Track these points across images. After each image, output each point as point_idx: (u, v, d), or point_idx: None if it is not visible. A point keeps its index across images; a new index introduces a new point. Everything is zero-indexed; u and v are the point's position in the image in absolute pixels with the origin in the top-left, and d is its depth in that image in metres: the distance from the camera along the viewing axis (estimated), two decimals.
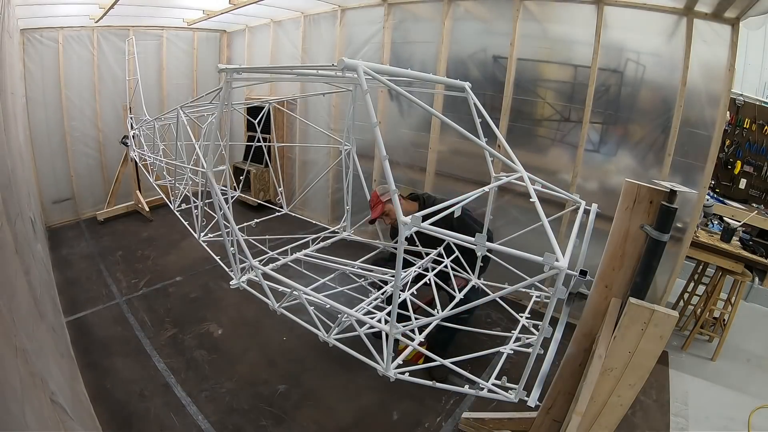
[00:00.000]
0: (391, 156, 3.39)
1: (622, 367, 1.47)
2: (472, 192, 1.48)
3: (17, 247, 1.49)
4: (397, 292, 1.35)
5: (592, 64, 3.29)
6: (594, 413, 1.53)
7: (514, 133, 3.76)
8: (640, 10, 3.09)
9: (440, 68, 4.06)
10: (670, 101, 3.11)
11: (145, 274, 4.12)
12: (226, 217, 1.99)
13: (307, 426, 2.45)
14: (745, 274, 3.28)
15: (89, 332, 3.19)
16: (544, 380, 1.43)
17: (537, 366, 1.43)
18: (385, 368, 1.54)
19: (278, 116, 5.47)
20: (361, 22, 4.69)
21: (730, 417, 2.74)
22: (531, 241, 1.92)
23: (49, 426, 1.06)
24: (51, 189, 5.18)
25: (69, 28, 4.89)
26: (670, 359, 3.28)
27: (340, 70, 1.37)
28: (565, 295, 1.29)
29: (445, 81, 1.97)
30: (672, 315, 1.38)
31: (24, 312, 1.32)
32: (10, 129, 2.32)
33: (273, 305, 1.99)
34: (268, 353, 3.07)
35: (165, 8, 4.96)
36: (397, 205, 1.19)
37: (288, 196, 5.54)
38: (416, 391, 2.64)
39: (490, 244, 1.15)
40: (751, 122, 5.47)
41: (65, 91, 5.05)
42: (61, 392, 1.41)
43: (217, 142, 2.46)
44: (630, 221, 1.63)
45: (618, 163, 3.47)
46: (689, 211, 3.09)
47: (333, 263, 2.39)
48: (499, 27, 3.72)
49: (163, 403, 2.54)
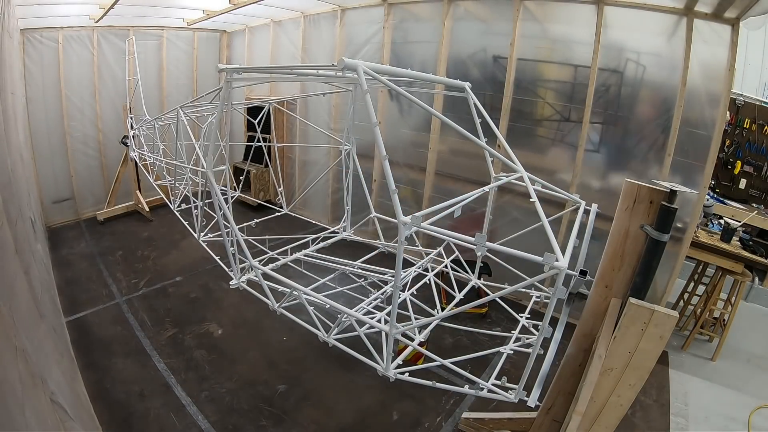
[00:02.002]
0: (391, 156, 3.38)
1: (622, 367, 1.47)
2: (472, 192, 1.48)
3: (17, 247, 1.49)
4: (397, 292, 1.35)
5: (592, 64, 3.29)
6: (594, 413, 1.53)
7: (514, 133, 3.76)
8: (640, 10, 3.09)
9: (440, 68, 4.06)
10: (670, 101, 3.10)
11: (145, 274, 4.12)
12: (226, 217, 1.99)
13: (307, 426, 2.45)
14: (745, 274, 3.27)
15: (89, 332, 3.19)
16: (544, 380, 1.43)
17: (537, 366, 1.43)
18: (384, 368, 1.54)
19: (278, 116, 5.47)
20: (361, 22, 4.69)
21: (730, 417, 2.74)
22: (531, 241, 1.92)
23: (49, 426, 1.06)
24: (51, 189, 5.17)
25: (69, 28, 4.88)
26: (670, 359, 3.28)
27: (340, 70, 1.37)
28: (565, 295, 1.29)
29: (445, 81, 1.97)
30: (672, 315, 1.38)
31: (24, 312, 1.32)
32: (10, 129, 2.32)
33: (273, 305, 1.99)
34: (268, 353, 3.06)
35: (165, 8, 4.96)
36: (397, 204, 1.19)
37: (288, 196, 5.54)
38: (416, 391, 2.64)
39: (490, 244, 1.15)
40: (751, 122, 5.46)
41: (65, 91, 5.05)
42: (61, 392, 1.41)
43: (217, 142, 2.46)
44: (630, 221, 1.63)
45: (618, 163, 3.47)
46: (689, 211, 3.09)
47: (333, 263, 2.39)
48: (499, 27, 3.72)
49: (163, 403, 2.54)
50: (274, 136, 5.19)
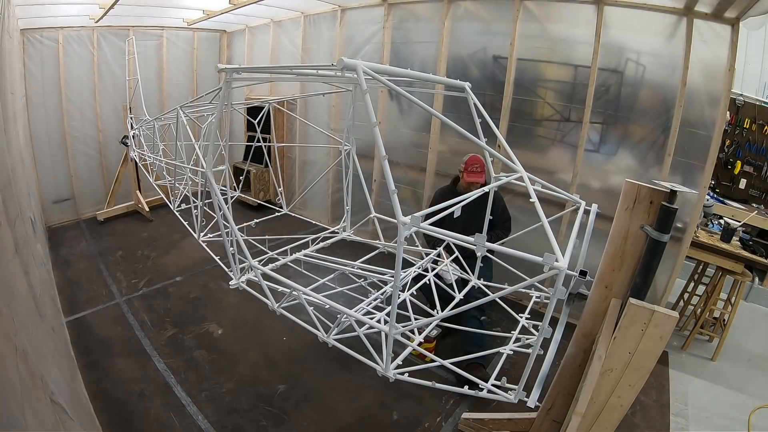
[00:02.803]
0: (391, 156, 3.38)
1: (622, 368, 1.47)
2: (472, 192, 1.48)
3: (17, 248, 1.49)
4: (397, 292, 1.34)
5: (592, 64, 3.29)
6: (594, 414, 1.53)
7: (514, 133, 3.76)
8: (640, 10, 3.09)
9: (440, 68, 4.06)
10: (670, 101, 3.10)
11: (145, 274, 4.12)
12: (226, 217, 1.99)
13: (307, 426, 2.45)
14: (745, 274, 3.27)
15: (89, 332, 3.19)
16: (543, 381, 1.43)
17: (537, 366, 1.42)
18: (384, 368, 1.54)
19: (278, 116, 5.48)
20: (361, 22, 4.69)
21: (730, 417, 2.74)
22: (531, 242, 1.93)
23: (48, 426, 1.06)
24: (51, 189, 5.17)
25: (69, 28, 4.89)
26: (670, 359, 3.28)
27: (339, 70, 1.36)
28: (565, 295, 1.29)
29: (445, 81, 1.97)
30: (672, 315, 1.38)
31: (24, 312, 1.32)
32: (10, 129, 2.32)
33: (272, 305, 1.99)
34: (268, 353, 3.07)
35: (165, 8, 4.96)
36: (396, 204, 1.19)
37: (288, 196, 5.55)
38: (416, 391, 2.64)
39: (490, 244, 1.15)
40: (751, 122, 5.46)
41: (65, 91, 5.05)
42: (60, 392, 1.41)
43: (217, 142, 2.46)
44: (630, 221, 1.63)
45: (618, 163, 3.47)
46: (689, 211, 3.09)
47: (333, 263, 2.39)
48: (499, 27, 3.72)
49: (163, 403, 2.54)
50: (274, 136, 5.19)
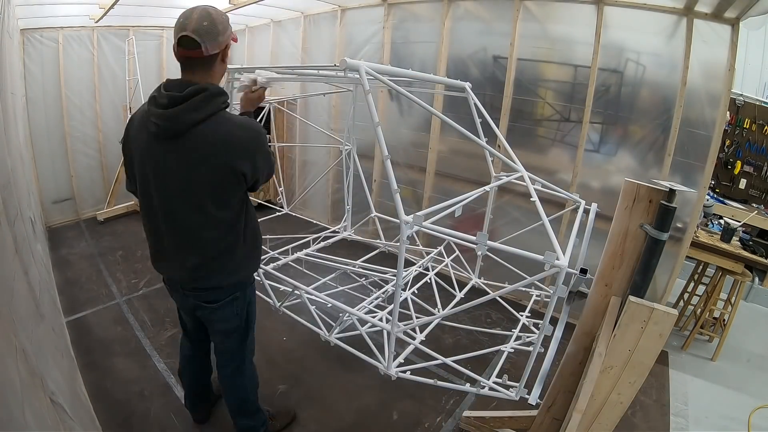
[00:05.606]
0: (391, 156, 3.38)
1: (622, 365, 1.47)
2: (472, 192, 1.48)
3: (17, 248, 1.49)
4: (399, 291, 1.35)
5: (592, 64, 3.29)
6: (594, 411, 1.53)
7: (514, 133, 3.76)
8: (640, 10, 3.09)
9: (440, 68, 4.06)
10: (670, 101, 3.11)
11: (145, 274, 4.11)
12: None
13: (307, 426, 2.45)
14: (745, 274, 3.27)
15: (89, 332, 3.19)
16: (544, 378, 1.44)
17: (537, 364, 1.43)
18: (386, 367, 1.54)
19: (278, 116, 5.47)
20: (361, 22, 4.69)
21: (730, 417, 2.74)
22: (531, 241, 1.93)
23: (49, 426, 1.06)
24: (51, 189, 5.17)
25: (69, 28, 4.88)
26: (670, 359, 3.28)
27: (342, 70, 1.37)
28: (566, 293, 1.30)
29: (445, 81, 1.97)
30: (671, 313, 1.38)
31: (24, 312, 1.32)
32: (10, 129, 2.32)
33: (274, 304, 1.99)
34: (269, 353, 3.06)
35: (165, 8, 4.95)
36: (399, 204, 1.19)
37: (288, 196, 5.54)
38: (416, 390, 2.64)
39: (492, 242, 1.15)
40: (751, 122, 5.47)
41: (65, 91, 5.04)
42: (60, 392, 1.41)
43: None
44: (629, 220, 1.63)
45: (618, 163, 3.47)
46: (689, 211, 3.09)
47: (334, 263, 2.39)
48: (499, 27, 3.72)
49: (163, 403, 2.54)
50: (275, 136, 5.19)
